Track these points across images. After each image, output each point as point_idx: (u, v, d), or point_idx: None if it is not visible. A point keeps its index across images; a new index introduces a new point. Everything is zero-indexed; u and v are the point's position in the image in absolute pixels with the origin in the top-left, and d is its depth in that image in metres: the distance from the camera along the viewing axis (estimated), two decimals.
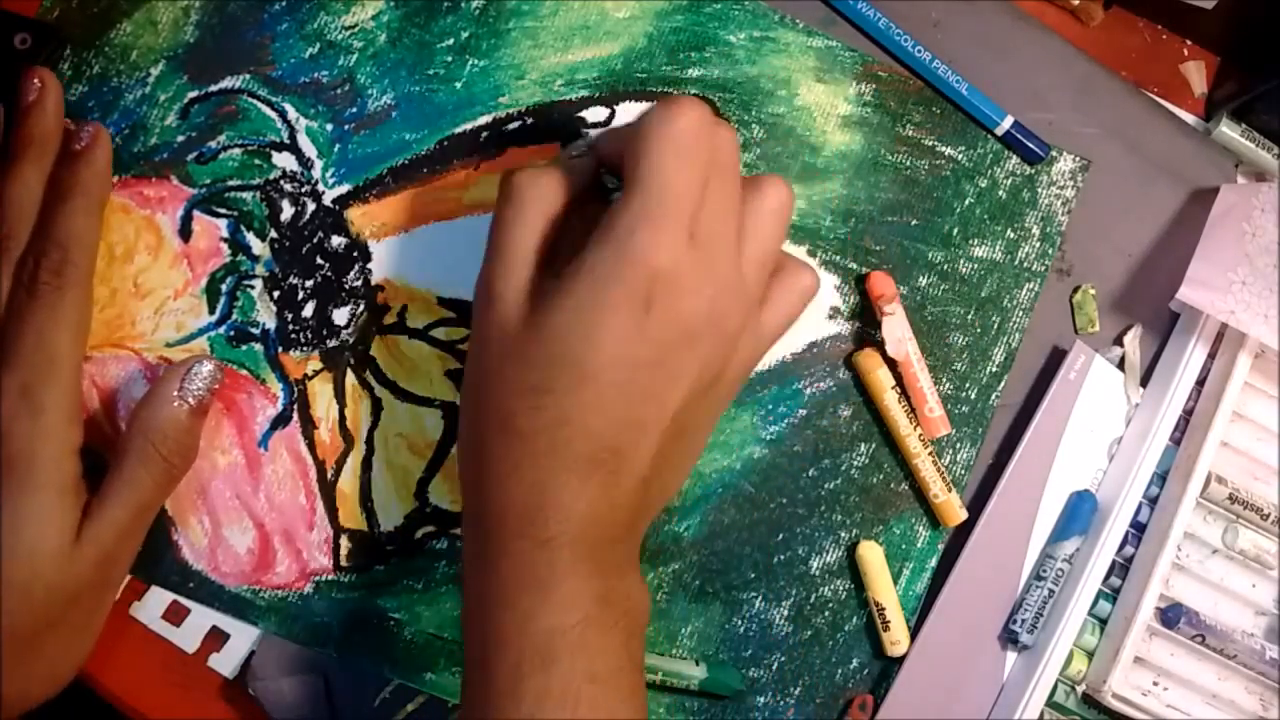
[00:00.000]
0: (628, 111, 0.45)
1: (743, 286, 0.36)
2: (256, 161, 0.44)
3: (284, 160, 0.44)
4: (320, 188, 0.44)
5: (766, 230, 0.37)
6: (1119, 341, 0.47)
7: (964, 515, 0.44)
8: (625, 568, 0.36)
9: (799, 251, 0.45)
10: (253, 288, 0.43)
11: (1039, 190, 0.47)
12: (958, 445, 0.45)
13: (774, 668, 0.44)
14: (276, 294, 0.43)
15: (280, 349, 0.43)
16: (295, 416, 0.43)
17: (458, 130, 0.44)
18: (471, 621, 0.35)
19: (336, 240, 0.44)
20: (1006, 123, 0.46)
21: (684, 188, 0.34)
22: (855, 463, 0.45)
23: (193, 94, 0.44)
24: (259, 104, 0.44)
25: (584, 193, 0.38)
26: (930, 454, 0.44)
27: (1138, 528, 0.45)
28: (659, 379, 0.34)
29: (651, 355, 0.34)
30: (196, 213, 0.43)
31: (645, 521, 0.38)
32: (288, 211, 0.44)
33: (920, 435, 0.44)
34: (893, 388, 0.44)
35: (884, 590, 0.44)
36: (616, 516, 0.35)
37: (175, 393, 0.39)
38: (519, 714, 0.33)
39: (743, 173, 0.45)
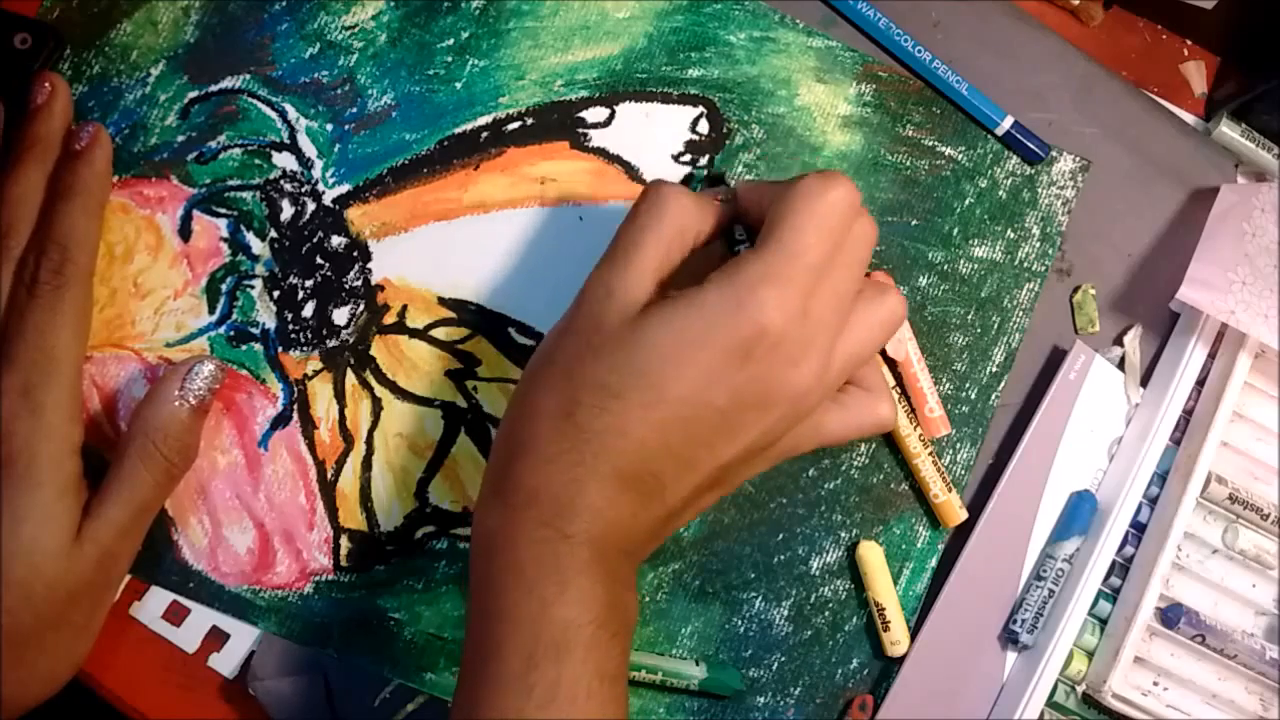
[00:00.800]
0: (628, 112, 0.45)
1: (827, 375, 0.36)
2: (256, 161, 0.44)
3: (284, 160, 0.44)
4: (320, 188, 0.44)
5: (868, 334, 0.37)
6: (1119, 341, 0.47)
7: (964, 515, 0.44)
8: (628, 583, 0.36)
9: None
10: (252, 288, 0.43)
11: (1039, 190, 0.47)
12: (958, 445, 0.45)
13: (774, 668, 0.44)
14: (276, 294, 0.43)
15: (280, 349, 0.43)
16: (295, 416, 0.43)
17: (458, 130, 0.44)
18: (481, 601, 0.35)
19: (336, 240, 0.44)
20: (1006, 123, 0.46)
21: (817, 259, 0.34)
22: (855, 463, 0.45)
23: (193, 94, 0.44)
24: (259, 104, 0.44)
25: (714, 232, 0.38)
26: (930, 454, 0.44)
27: (1138, 528, 0.45)
28: (723, 429, 0.35)
29: (726, 404, 0.34)
30: (196, 212, 0.43)
31: (652, 548, 0.38)
32: (288, 211, 0.44)
33: (920, 435, 0.44)
34: (893, 388, 0.44)
35: (884, 590, 0.44)
36: (635, 535, 0.35)
37: (176, 392, 0.39)
38: (529, 702, 0.33)
39: (747, 176, 0.45)
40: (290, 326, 0.43)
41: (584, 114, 0.45)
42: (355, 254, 0.44)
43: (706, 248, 0.38)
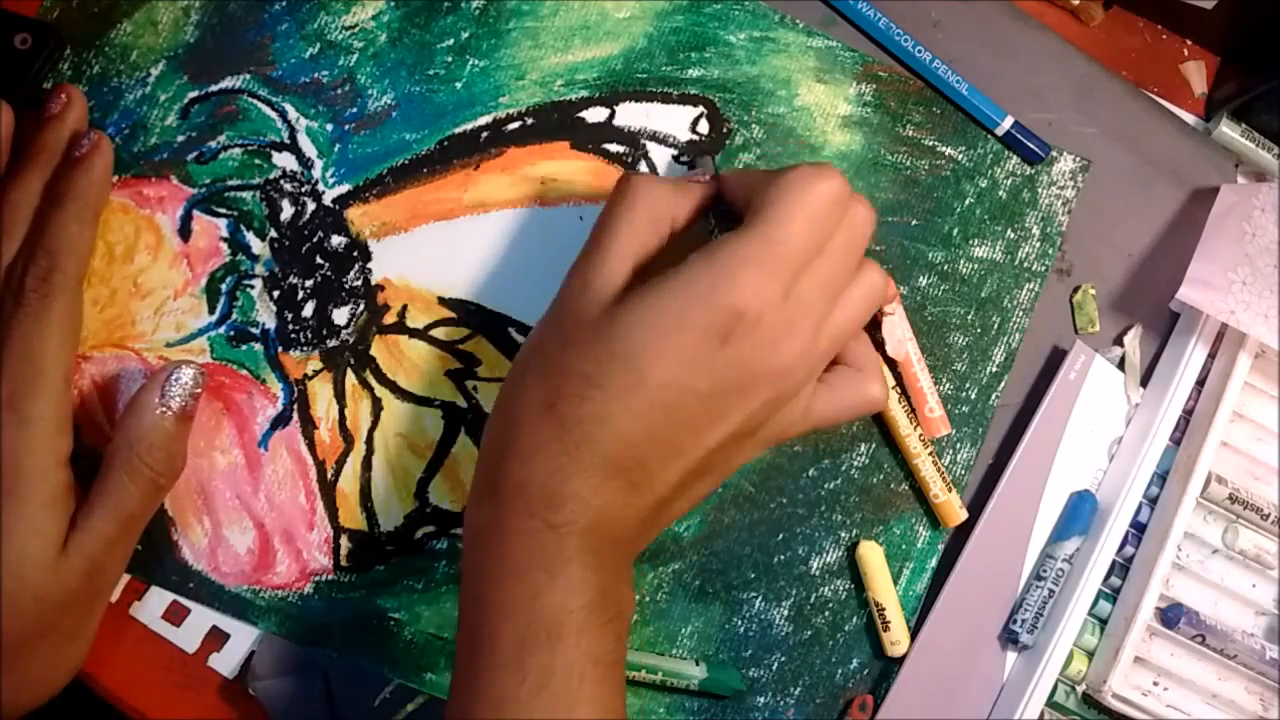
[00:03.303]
0: (628, 112, 0.45)
1: (813, 356, 0.36)
2: (256, 161, 0.44)
3: (284, 160, 0.44)
4: (320, 187, 0.44)
5: (852, 312, 0.37)
6: (1119, 341, 0.47)
7: (964, 515, 0.44)
8: (622, 572, 0.36)
9: None
10: (252, 287, 0.43)
11: (1039, 190, 0.47)
12: (958, 445, 0.45)
13: (774, 668, 0.44)
14: (276, 294, 0.43)
15: (280, 349, 0.43)
16: (295, 416, 0.43)
17: (458, 130, 0.44)
18: (473, 592, 0.35)
19: (336, 240, 0.44)
20: (1006, 123, 0.46)
21: (800, 248, 0.35)
22: (855, 463, 0.45)
23: (193, 94, 0.44)
24: (259, 104, 0.44)
25: (694, 215, 0.38)
26: (930, 454, 0.44)
27: (1138, 528, 0.45)
28: (705, 413, 0.35)
29: (708, 388, 0.34)
30: (196, 212, 0.43)
31: (647, 539, 0.38)
32: (288, 211, 0.44)
33: (920, 435, 0.44)
34: (893, 388, 0.44)
35: (884, 590, 0.44)
36: (626, 524, 0.35)
37: (157, 400, 0.39)
38: (523, 688, 0.33)
39: None
40: (290, 326, 0.43)
41: (584, 114, 0.45)
42: (355, 254, 0.44)
43: (688, 232, 0.38)
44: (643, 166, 0.45)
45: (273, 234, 0.43)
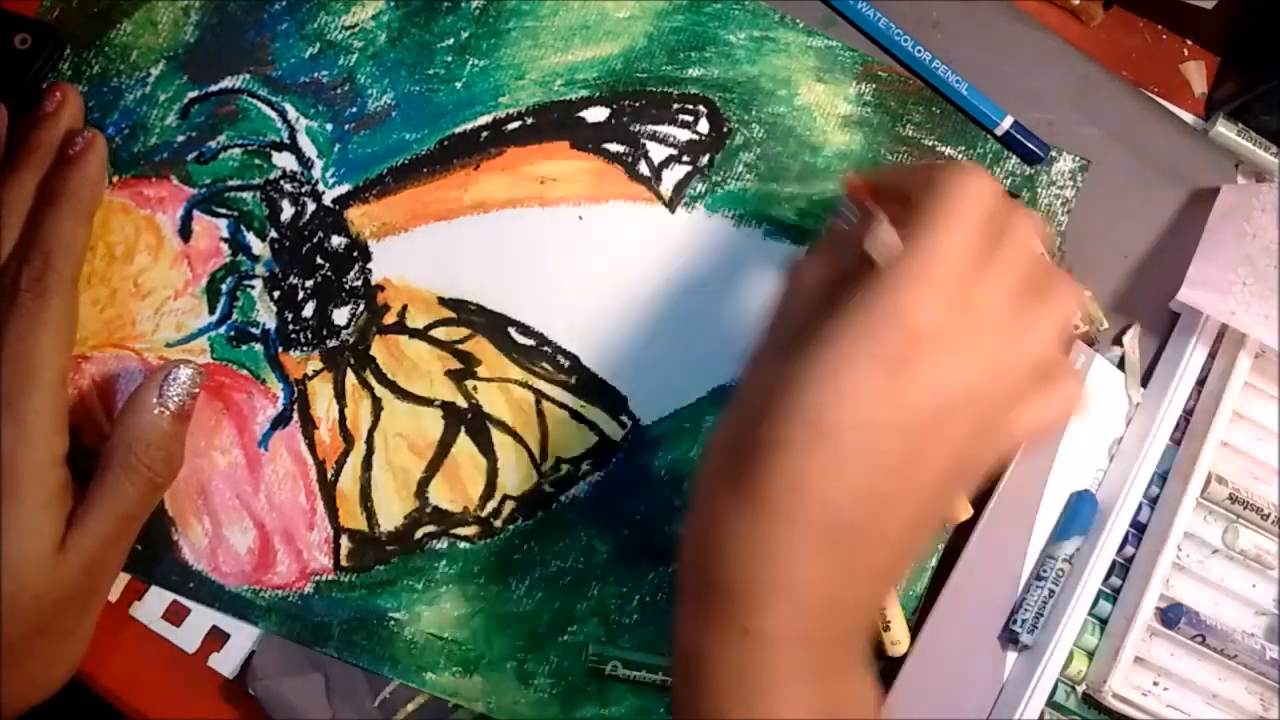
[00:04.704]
0: (628, 112, 0.45)
1: (1013, 378, 0.32)
2: (256, 161, 0.44)
3: (284, 160, 0.44)
4: (320, 188, 0.44)
5: (1045, 329, 0.33)
6: (1119, 341, 0.47)
7: (964, 515, 0.44)
8: (850, 670, 0.32)
9: (799, 252, 0.45)
10: (253, 288, 0.43)
11: (1039, 190, 0.47)
12: None
13: None
14: (276, 294, 0.43)
15: (280, 349, 0.43)
16: (295, 416, 0.43)
17: (458, 130, 0.44)
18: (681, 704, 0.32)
19: (336, 240, 0.44)
20: (1006, 123, 0.46)
21: (958, 252, 0.31)
22: None
23: (193, 94, 0.44)
24: (259, 104, 0.44)
25: (856, 264, 0.34)
26: None
27: (1138, 528, 0.45)
28: (908, 453, 0.31)
29: (901, 423, 0.30)
30: (196, 213, 0.43)
31: (871, 623, 0.34)
32: (288, 211, 0.44)
33: None
34: None
35: None
36: (843, 609, 0.32)
37: (155, 400, 0.39)
38: None
39: (747, 175, 0.45)
40: (290, 326, 0.43)
41: (584, 114, 0.45)
42: (355, 254, 0.44)
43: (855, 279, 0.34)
44: (642, 166, 0.45)
45: (273, 234, 0.43)
